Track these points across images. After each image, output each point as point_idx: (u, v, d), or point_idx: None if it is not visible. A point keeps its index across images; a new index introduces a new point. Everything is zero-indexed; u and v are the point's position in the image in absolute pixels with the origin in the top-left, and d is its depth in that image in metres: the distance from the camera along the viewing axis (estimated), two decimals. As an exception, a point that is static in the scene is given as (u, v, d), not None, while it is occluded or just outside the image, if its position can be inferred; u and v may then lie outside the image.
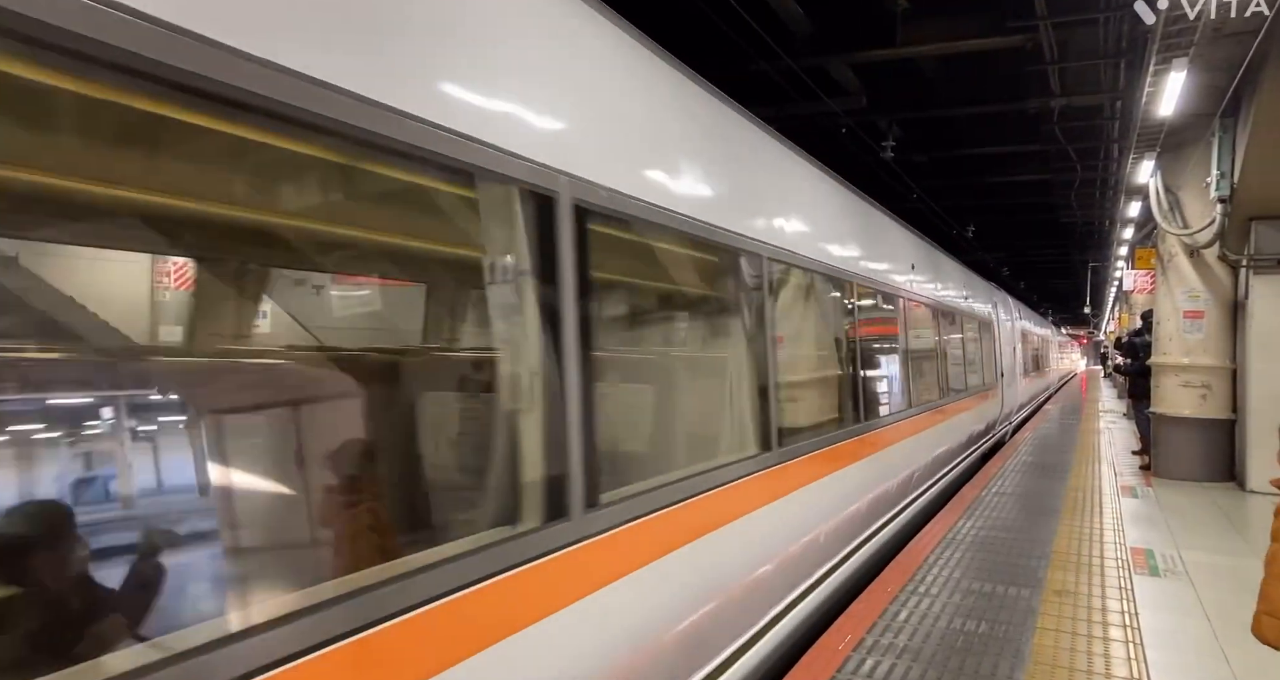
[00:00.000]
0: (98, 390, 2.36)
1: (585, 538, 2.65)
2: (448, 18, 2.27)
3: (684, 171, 3.68)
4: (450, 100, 2.23)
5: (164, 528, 2.28)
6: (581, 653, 2.62)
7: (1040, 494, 9.04)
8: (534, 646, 2.37)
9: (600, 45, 3.16)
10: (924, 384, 8.57)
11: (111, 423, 2.29)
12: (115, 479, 2.32)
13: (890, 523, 6.72)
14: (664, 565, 3.13)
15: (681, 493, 3.36)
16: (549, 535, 2.49)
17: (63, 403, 2.31)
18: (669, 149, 3.60)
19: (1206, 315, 10.22)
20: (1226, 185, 9.13)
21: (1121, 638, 4.66)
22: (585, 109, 2.93)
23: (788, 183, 5.23)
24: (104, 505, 2.26)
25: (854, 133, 13.34)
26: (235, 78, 1.61)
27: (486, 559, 2.23)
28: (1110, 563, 6.25)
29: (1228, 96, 8.42)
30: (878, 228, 7.54)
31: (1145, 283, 13.98)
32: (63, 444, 2.24)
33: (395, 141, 2.01)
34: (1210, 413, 10.13)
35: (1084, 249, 29.12)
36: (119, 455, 2.30)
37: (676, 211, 3.44)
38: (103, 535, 2.09)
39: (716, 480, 3.69)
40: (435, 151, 2.13)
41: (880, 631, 4.65)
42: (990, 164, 17.78)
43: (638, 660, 2.97)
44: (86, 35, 1.40)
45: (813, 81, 10.96)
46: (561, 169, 2.64)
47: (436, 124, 2.12)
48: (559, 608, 2.51)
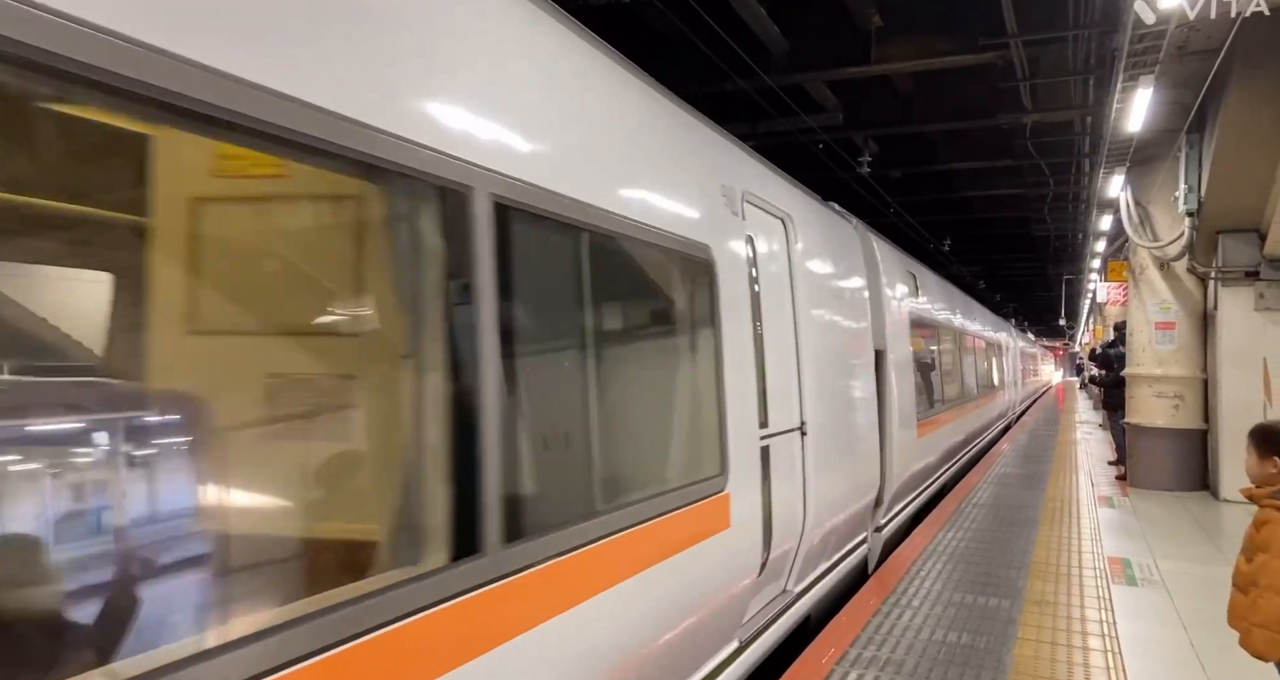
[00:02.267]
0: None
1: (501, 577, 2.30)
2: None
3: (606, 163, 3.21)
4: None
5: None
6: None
7: (1019, 505, 9.11)
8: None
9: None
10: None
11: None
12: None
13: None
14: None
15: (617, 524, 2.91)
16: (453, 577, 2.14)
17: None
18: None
19: (1178, 326, 10.40)
20: (1194, 199, 9.33)
21: (1100, 647, 4.70)
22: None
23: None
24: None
25: (831, 149, 13.49)
26: (84, 55, 1.44)
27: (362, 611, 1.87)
28: (1088, 572, 6.31)
29: (1193, 113, 8.61)
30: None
31: (1118, 295, 14.21)
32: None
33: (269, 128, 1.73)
34: (1183, 423, 10.28)
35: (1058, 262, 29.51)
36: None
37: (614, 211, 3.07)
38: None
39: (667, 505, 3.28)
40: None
41: (863, 644, 4.66)
42: (965, 178, 18.02)
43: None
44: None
45: (790, 99, 11.09)
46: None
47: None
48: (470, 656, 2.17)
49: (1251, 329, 9.45)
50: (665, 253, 3.49)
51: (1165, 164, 9.84)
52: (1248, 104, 7.57)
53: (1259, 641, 2.88)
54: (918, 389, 8.95)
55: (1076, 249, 24.11)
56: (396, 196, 2.26)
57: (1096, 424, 19.45)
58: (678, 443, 3.65)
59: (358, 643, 1.86)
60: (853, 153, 14.14)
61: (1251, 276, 9.46)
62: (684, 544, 3.41)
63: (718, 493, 3.73)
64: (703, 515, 3.58)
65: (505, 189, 2.46)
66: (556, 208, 2.72)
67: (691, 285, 3.74)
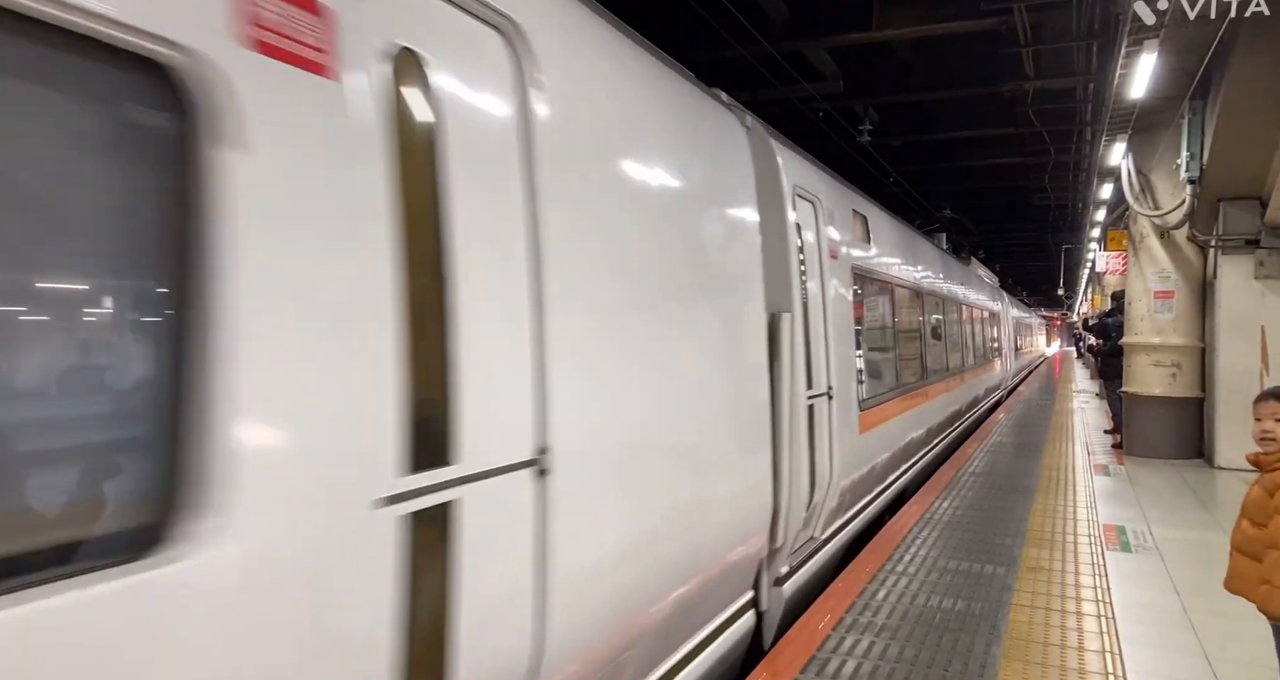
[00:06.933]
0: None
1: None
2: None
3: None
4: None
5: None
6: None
7: (1015, 473, 9.18)
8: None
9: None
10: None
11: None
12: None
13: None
14: None
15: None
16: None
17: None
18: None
19: (1177, 295, 10.40)
20: (1196, 167, 9.27)
21: (1094, 612, 4.77)
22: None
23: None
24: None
25: (831, 117, 13.37)
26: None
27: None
28: (1083, 539, 6.38)
29: (1197, 79, 8.51)
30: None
31: (1117, 264, 14.18)
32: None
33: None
34: (1180, 391, 10.32)
35: (1058, 231, 29.41)
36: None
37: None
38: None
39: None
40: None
41: (859, 610, 4.72)
42: (966, 147, 17.90)
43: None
44: None
45: (790, 66, 10.96)
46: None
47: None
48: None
49: (1250, 297, 9.45)
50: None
51: (1167, 131, 9.75)
52: (1252, 70, 7.48)
53: (1274, 601, 2.88)
54: (870, 368, 7.18)
55: (1076, 218, 24.02)
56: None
57: (1093, 393, 19.54)
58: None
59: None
60: (853, 122, 14.03)
61: (1252, 245, 9.44)
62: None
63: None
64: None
65: None
66: None
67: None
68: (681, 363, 3.57)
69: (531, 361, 2.54)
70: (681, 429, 3.54)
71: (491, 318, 2.38)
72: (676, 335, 3.55)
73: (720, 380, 3.97)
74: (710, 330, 3.89)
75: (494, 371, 2.38)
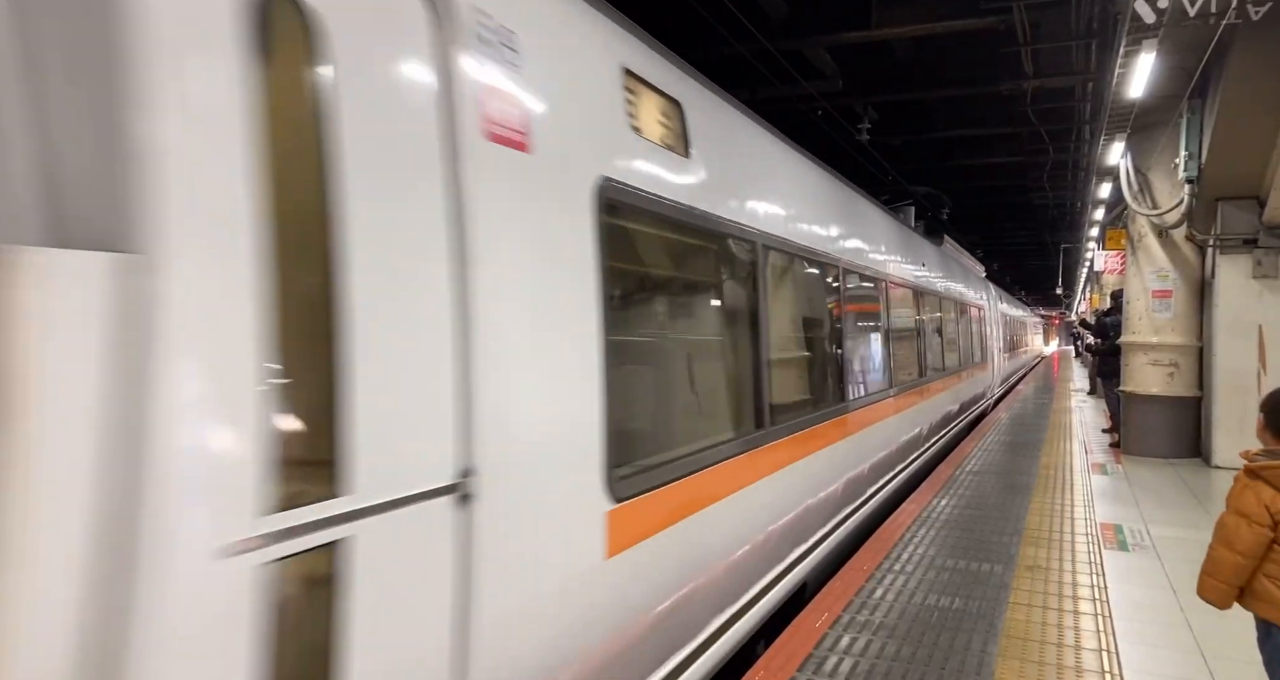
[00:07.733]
0: None
1: None
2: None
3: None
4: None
5: None
6: None
7: (1013, 471, 9.18)
8: None
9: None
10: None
11: None
12: None
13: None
14: None
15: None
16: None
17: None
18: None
19: (1175, 295, 10.41)
20: (1194, 166, 9.28)
21: (1091, 611, 4.77)
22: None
23: None
24: None
25: (830, 116, 13.36)
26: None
27: None
28: (1080, 538, 6.38)
29: (1195, 78, 8.52)
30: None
31: (1116, 263, 14.19)
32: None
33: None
34: (1178, 391, 10.33)
35: (1056, 230, 29.41)
36: None
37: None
38: None
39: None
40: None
41: (857, 609, 4.72)
42: (964, 146, 17.90)
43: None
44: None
45: (789, 64, 10.95)
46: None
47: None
48: None
49: (1248, 297, 9.45)
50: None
51: (1166, 131, 9.76)
52: (1251, 69, 7.49)
53: (1204, 588, 3.01)
54: (668, 401, 3.83)
55: (1075, 217, 24.03)
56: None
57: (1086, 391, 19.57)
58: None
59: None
60: (852, 120, 14.02)
61: (1250, 244, 9.44)
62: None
63: None
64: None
65: None
66: None
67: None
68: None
69: (453, 367, 2.12)
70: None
71: (396, 315, 1.95)
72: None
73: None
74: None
75: (400, 381, 1.95)
